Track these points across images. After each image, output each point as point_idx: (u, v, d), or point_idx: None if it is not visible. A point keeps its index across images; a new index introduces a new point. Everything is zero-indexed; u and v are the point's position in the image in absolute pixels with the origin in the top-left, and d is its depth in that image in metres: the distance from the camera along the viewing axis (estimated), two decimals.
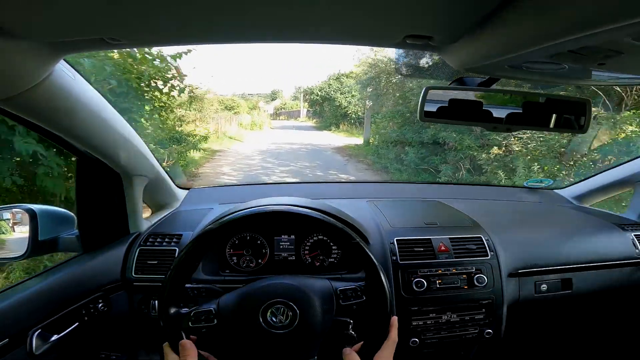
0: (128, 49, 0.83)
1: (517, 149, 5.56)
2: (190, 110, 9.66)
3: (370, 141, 11.99)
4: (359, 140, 14.20)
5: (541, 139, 5.24)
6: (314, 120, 28.99)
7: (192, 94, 6.29)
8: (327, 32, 0.61)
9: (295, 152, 11.72)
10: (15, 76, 0.63)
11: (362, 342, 0.77)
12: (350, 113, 20.50)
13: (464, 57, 0.67)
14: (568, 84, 0.75)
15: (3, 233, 1.10)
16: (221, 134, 14.49)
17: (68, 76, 0.76)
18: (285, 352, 0.74)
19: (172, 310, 0.75)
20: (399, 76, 9.14)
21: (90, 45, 0.64)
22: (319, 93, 25.55)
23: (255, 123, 22.40)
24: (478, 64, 0.67)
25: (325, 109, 24.35)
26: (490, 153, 6.01)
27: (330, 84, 24.16)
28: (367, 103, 13.89)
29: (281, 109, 41.80)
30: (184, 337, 0.73)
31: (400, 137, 8.15)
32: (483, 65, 0.67)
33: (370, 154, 10.21)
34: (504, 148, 5.91)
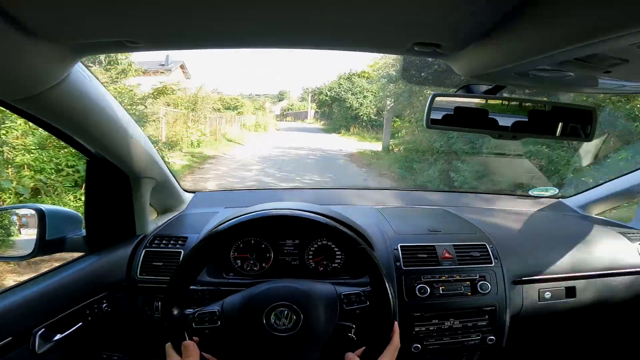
0: (144, 51, 0.85)
1: None
2: (146, 107, 7.80)
3: (390, 148, 10.58)
4: (374, 146, 12.66)
5: None
6: (322, 122, 27.16)
7: None
8: (337, 38, 0.62)
9: (302, 159, 10.60)
10: (34, 76, 0.64)
11: (364, 348, 0.77)
12: (361, 115, 19.28)
13: (471, 65, 0.68)
14: (574, 92, 0.76)
15: (12, 232, 1.11)
16: (219, 136, 13.28)
17: (84, 77, 0.77)
18: (287, 355, 0.74)
19: (176, 312, 0.75)
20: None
21: (108, 48, 0.66)
22: (328, 93, 23.66)
23: (259, 124, 21.06)
24: (485, 71, 0.68)
25: (334, 111, 22.78)
26: None
27: (341, 84, 22.33)
28: (387, 103, 11.92)
29: (288, 109, 40.38)
30: (187, 338, 0.73)
31: (445, 147, 6.42)
32: (490, 73, 0.68)
33: (398, 166, 8.46)
34: None
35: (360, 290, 0.80)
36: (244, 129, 18.21)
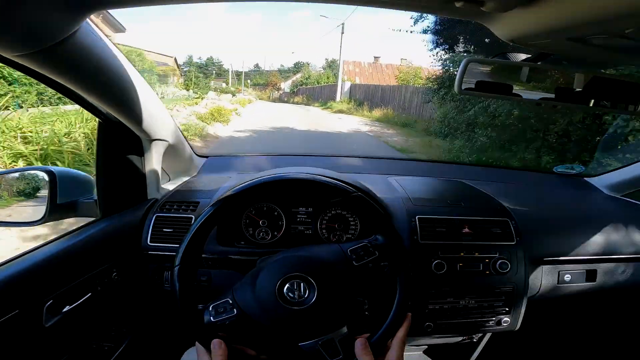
0: (157, 5, 0.79)
1: None
2: None
3: None
4: None
5: None
6: (379, 111, 12.06)
7: None
8: None
9: None
10: (42, 30, 0.60)
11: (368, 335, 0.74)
12: None
13: (516, 27, 0.60)
14: (635, 63, 0.68)
15: (21, 196, 1.09)
16: None
17: (94, 34, 0.73)
18: (303, 328, 0.72)
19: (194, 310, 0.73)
20: None
21: (118, 0, 0.61)
22: None
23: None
24: (531, 35, 0.60)
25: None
26: None
27: None
28: None
29: (301, 84, 27.84)
30: (211, 335, 0.70)
31: None
32: (536, 38, 0.61)
33: None
34: None
35: (367, 241, 0.78)
36: None
